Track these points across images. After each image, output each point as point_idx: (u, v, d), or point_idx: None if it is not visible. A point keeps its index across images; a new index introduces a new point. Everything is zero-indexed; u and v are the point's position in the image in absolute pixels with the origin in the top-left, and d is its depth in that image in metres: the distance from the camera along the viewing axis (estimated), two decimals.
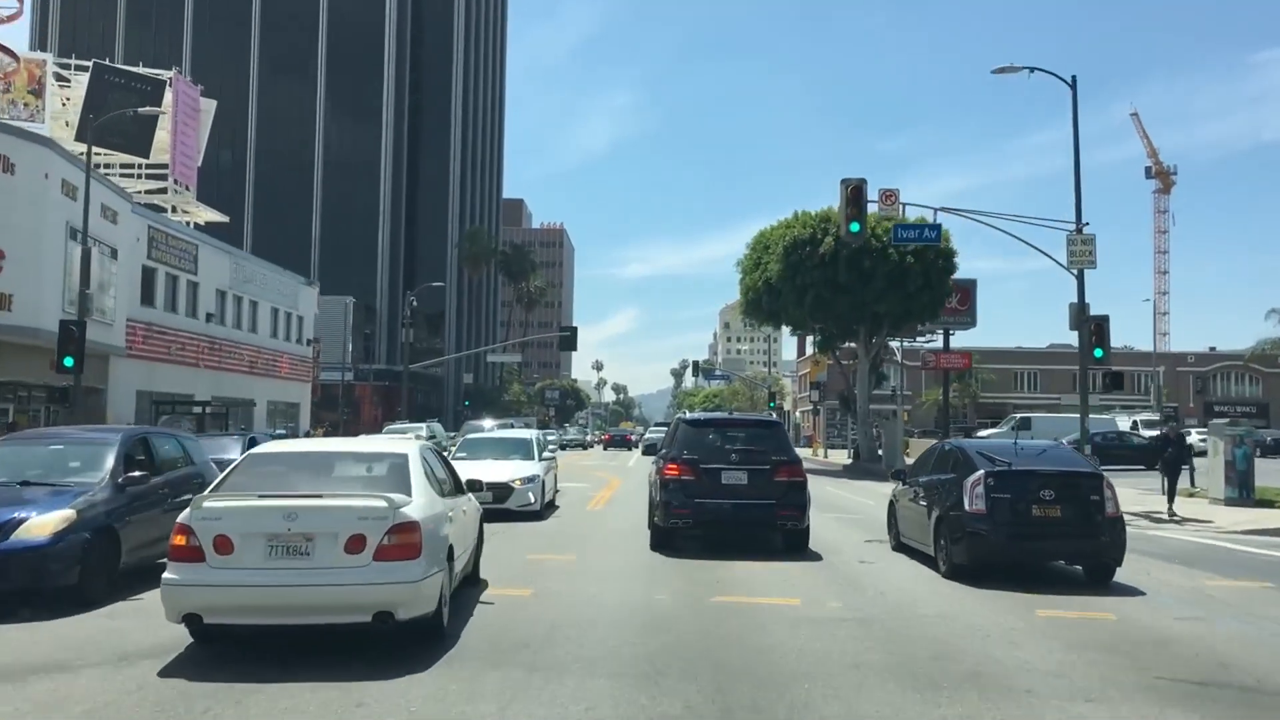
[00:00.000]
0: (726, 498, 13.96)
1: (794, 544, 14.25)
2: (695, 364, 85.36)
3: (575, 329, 62.66)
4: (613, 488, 29.46)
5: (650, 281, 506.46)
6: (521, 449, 22.15)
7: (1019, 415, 49.42)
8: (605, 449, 69.32)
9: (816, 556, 13.84)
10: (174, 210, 48.66)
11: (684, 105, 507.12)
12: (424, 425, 35.48)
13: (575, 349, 62.06)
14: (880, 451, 45.37)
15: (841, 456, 53.71)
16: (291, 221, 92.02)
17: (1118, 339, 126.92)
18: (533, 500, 19.28)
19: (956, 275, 43.66)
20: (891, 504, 15.58)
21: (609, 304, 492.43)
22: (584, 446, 67.78)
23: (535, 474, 19.84)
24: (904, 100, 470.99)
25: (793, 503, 14.02)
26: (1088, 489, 12.04)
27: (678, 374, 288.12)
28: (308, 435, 47.49)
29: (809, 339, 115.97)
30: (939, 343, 54.13)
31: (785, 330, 74.19)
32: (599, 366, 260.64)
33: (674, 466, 14.24)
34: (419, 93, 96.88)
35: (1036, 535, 11.85)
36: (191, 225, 49.08)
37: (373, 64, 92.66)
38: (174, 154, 46.57)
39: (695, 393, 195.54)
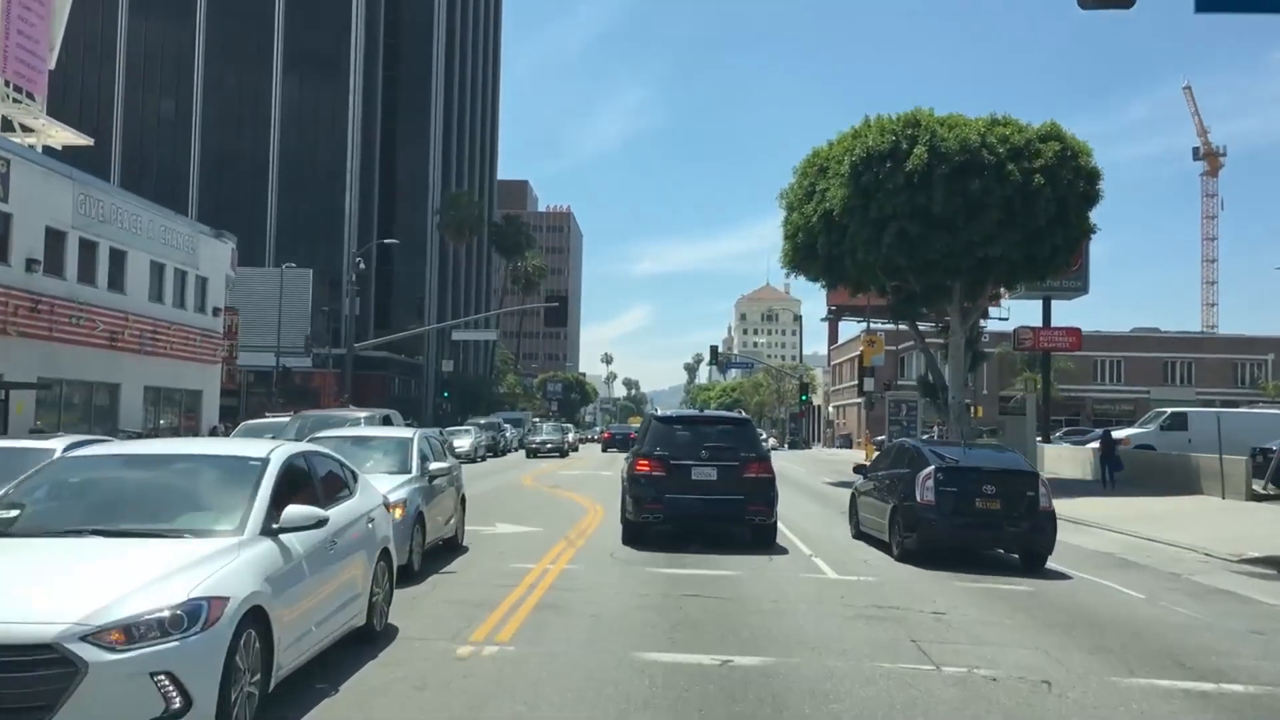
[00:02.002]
0: (697, 493, 14.31)
1: (762, 538, 14.62)
2: (713, 349, 72.37)
3: (565, 298, 50.10)
4: (585, 531, 16.44)
5: (663, 278, 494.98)
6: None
7: (1170, 410, 36.12)
8: (604, 450, 55.55)
9: (783, 550, 14.34)
10: (7, 124, 35.66)
11: (697, 101, 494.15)
12: (291, 419, 21.96)
13: (565, 324, 49.39)
14: None
15: None
16: (244, 182, 79.17)
17: (1166, 323, 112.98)
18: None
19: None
20: (853, 496, 17.09)
21: (621, 301, 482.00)
22: (561, 452, 46.27)
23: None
24: (919, 96, 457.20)
25: (761, 498, 14.42)
26: (1024, 486, 13.83)
27: (691, 368, 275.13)
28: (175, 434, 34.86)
29: (843, 322, 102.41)
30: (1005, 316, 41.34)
31: (815, 296, 61.11)
32: (608, 360, 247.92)
33: (645, 462, 14.50)
34: (395, 36, 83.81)
35: (978, 525, 13.64)
36: (40, 148, 36.22)
37: (339, 3, 79.63)
38: (4, 46, 33.64)
39: (710, 387, 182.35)
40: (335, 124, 79.16)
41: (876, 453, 46.94)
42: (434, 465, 12.07)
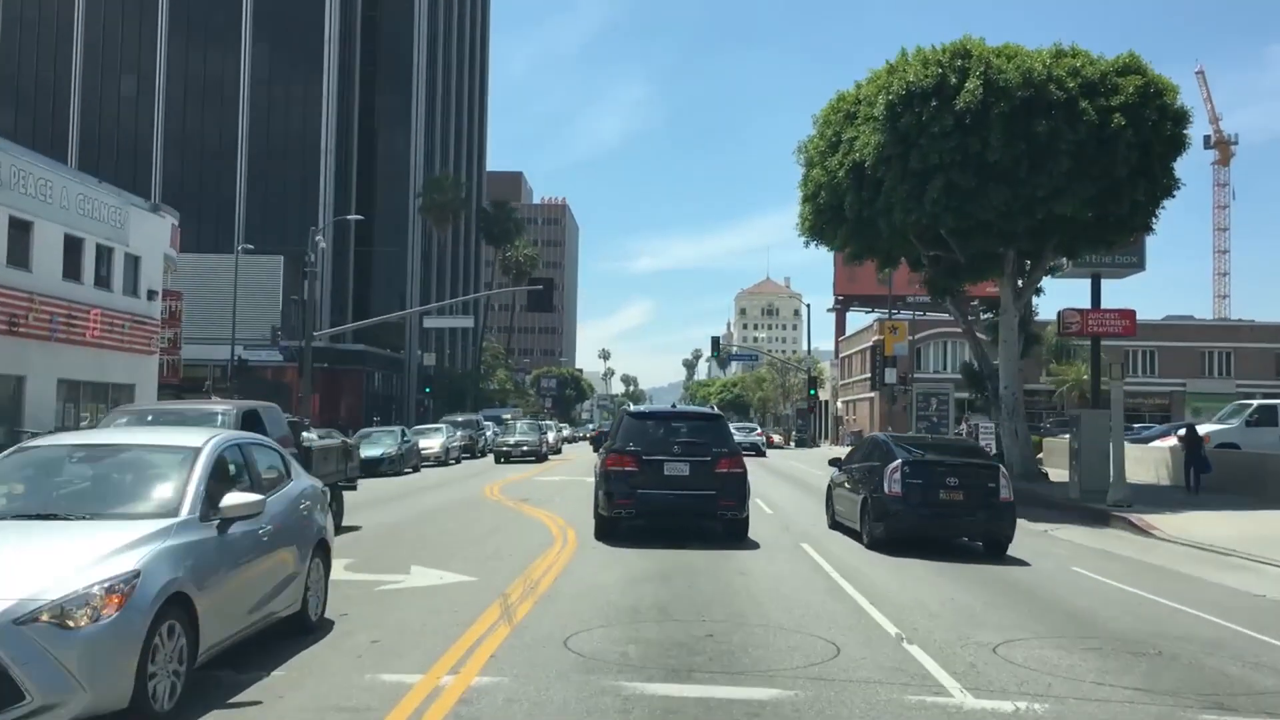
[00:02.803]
0: (668, 488, 14.29)
1: (733, 533, 14.68)
2: (714, 340, 66.97)
3: (550, 280, 44.94)
4: (539, 584, 10.92)
5: (662, 274, 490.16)
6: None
7: (1256, 402, 30.90)
8: (595, 448, 50.32)
9: (754, 545, 14.24)
10: None
11: (696, 97, 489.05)
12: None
13: (550, 308, 43.98)
14: (1042, 467, 27.19)
15: None
16: (211, 164, 73.88)
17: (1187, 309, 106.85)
18: None
19: None
20: (829, 488, 17.95)
21: (620, 297, 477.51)
22: (538, 456, 38.77)
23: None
24: None
25: (732, 493, 14.42)
26: (986, 477, 14.49)
27: (690, 364, 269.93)
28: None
29: (851, 312, 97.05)
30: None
31: (817, 290, 56.70)
32: (606, 355, 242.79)
33: (617, 458, 14.52)
34: (374, 8, 78.39)
35: (943, 515, 14.34)
36: None
37: None
38: None
39: (710, 383, 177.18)
40: (308, 101, 73.81)
41: None
42: (233, 500, 6.72)
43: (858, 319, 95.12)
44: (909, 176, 23.80)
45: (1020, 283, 27.36)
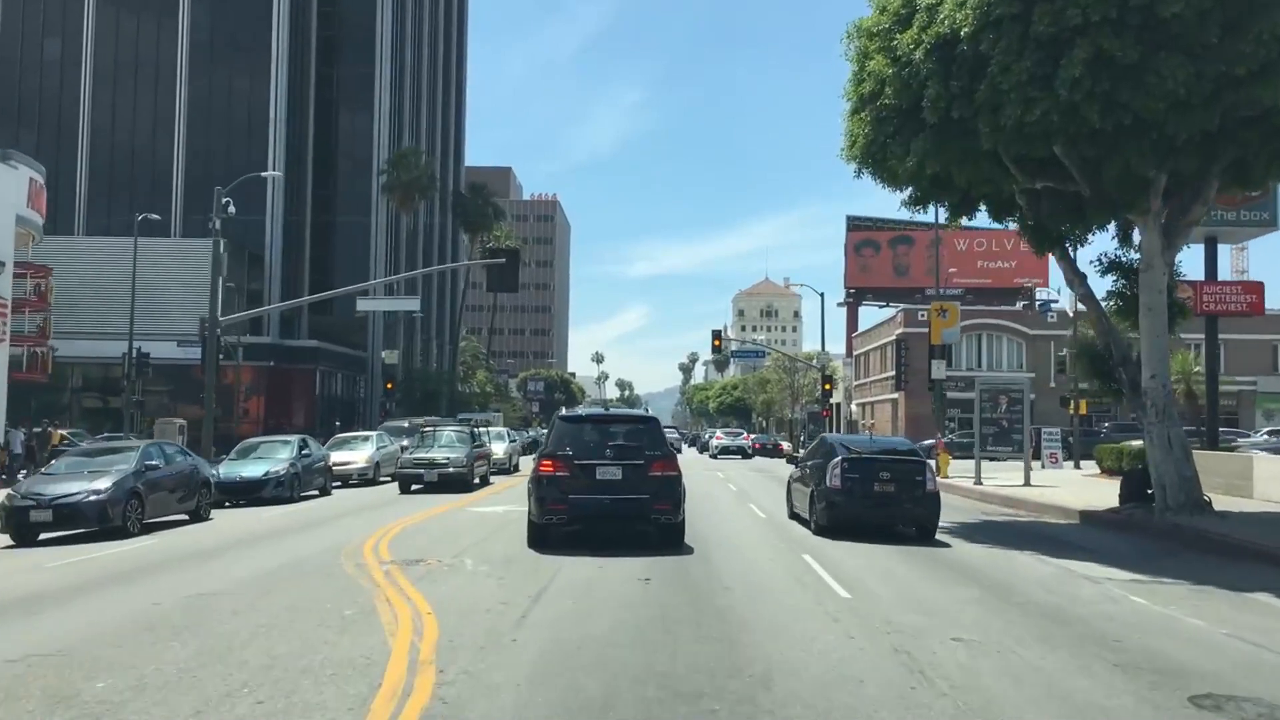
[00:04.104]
0: (601, 493, 14.10)
1: (669, 538, 14.34)
2: (716, 334, 58.42)
3: (516, 252, 36.56)
4: None
5: (659, 280, 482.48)
6: None
7: None
8: None
9: (689, 549, 14.05)
10: None
11: (692, 102, 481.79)
12: None
13: (515, 288, 35.60)
14: (1186, 490, 18.85)
15: (1000, 473, 27.10)
16: (143, 137, 65.33)
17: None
18: None
19: None
20: (788, 483, 20.19)
21: (616, 302, 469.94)
22: (464, 483, 25.92)
23: None
24: None
25: (667, 497, 14.22)
26: (914, 472, 16.44)
27: (686, 368, 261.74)
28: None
29: (864, 306, 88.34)
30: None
31: (820, 283, 49.15)
32: (599, 359, 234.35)
33: (548, 463, 14.29)
34: None
35: (877, 505, 16.21)
36: None
37: None
38: None
39: (708, 386, 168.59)
40: (255, 69, 65.20)
41: (952, 461, 32.95)
42: None
43: (871, 314, 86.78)
44: (1031, 47, 15.39)
45: (1176, 219, 18.81)
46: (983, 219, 24.08)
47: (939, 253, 39.54)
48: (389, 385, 61.37)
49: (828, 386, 58.01)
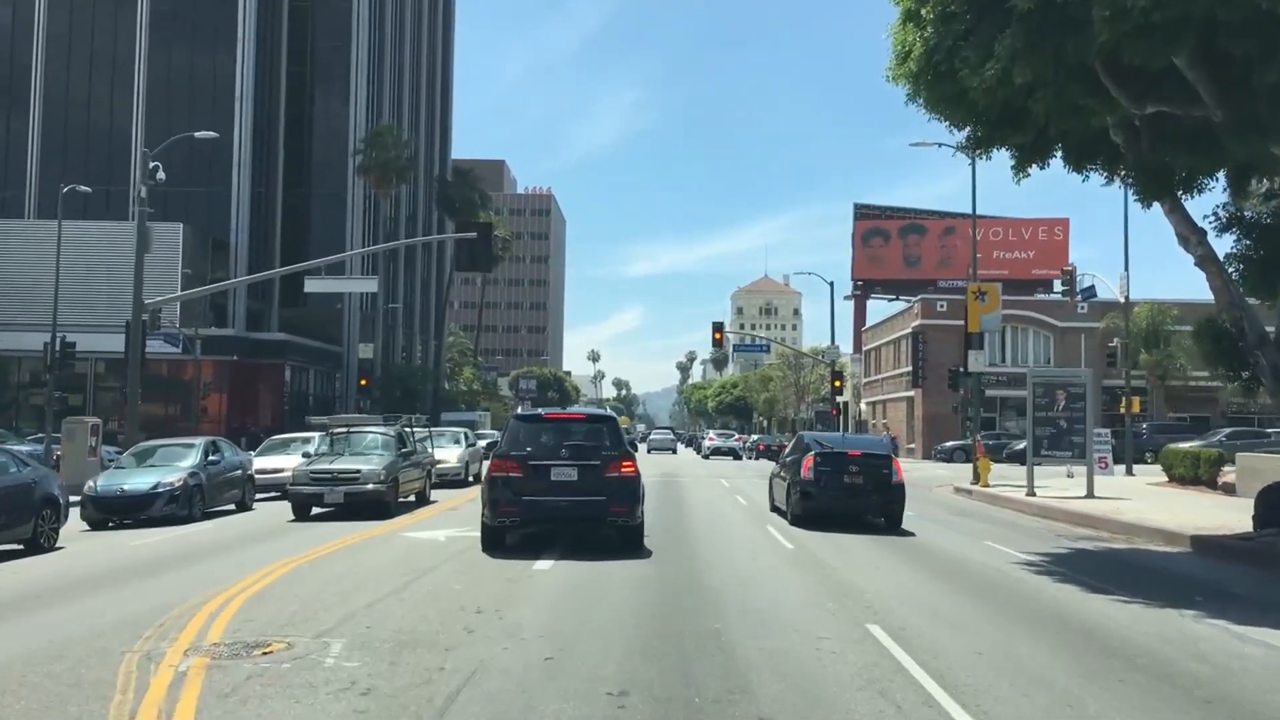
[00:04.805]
0: (556, 494, 13.60)
1: (627, 540, 13.87)
2: (717, 326, 53.95)
3: (490, 226, 31.86)
4: None
5: (657, 280, 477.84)
6: None
7: None
8: None
9: (647, 553, 13.49)
10: None
11: (691, 102, 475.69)
12: None
13: (489, 268, 31.07)
14: None
15: (1061, 482, 22.42)
16: (99, 108, 60.67)
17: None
18: None
19: None
20: (770, 478, 21.73)
21: (614, 302, 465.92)
22: (380, 507, 18.69)
23: None
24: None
25: (625, 499, 13.71)
26: (881, 465, 17.79)
27: (684, 367, 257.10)
28: None
29: (872, 300, 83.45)
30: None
31: (826, 274, 44.69)
32: (595, 357, 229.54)
33: (501, 463, 13.80)
34: None
35: (847, 496, 17.61)
36: None
37: None
38: None
39: (706, 385, 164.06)
40: (220, 40, 60.50)
41: (993, 467, 28.97)
42: None
43: (880, 307, 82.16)
44: None
45: None
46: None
47: (974, 235, 34.66)
48: (364, 381, 56.63)
49: (837, 383, 53.32)
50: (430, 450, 24.82)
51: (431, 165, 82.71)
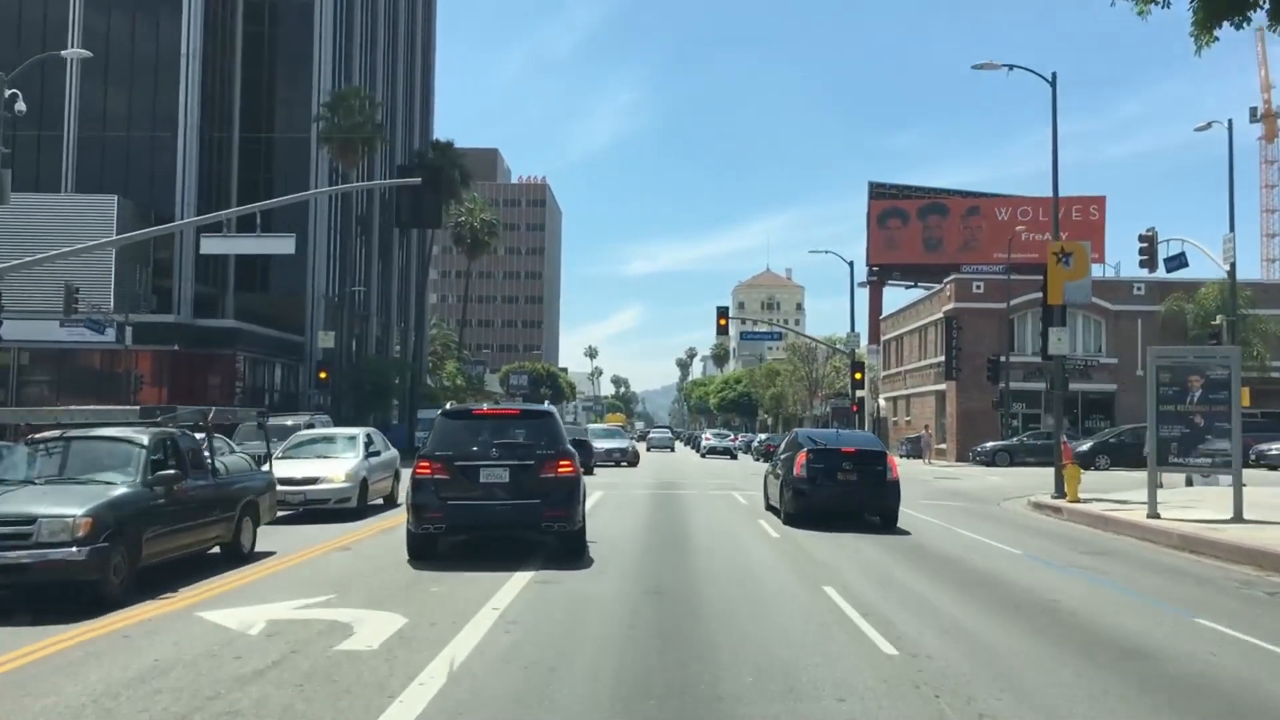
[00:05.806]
0: (484, 498, 12.60)
1: (569, 547, 12.94)
2: (722, 311, 47.53)
3: (439, 170, 25.49)
4: None
5: (656, 278, 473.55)
6: None
7: None
8: None
9: (589, 562, 12.62)
10: None
11: (689, 100, 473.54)
12: None
13: (438, 223, 24.76)
14: None
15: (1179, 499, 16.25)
16: (28, 69, 53.88)
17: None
18: None
19: None
20: (765, 477, 21.53)
21: (613, 301, 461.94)
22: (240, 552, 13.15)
23: None
24: (912, 94, 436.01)
25: (562, 501, 12.63)
26: (875, 462, 17.67)
27: (684, 364, 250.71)
28: None
29: (889, 286, 77.05)
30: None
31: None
32: (593, 353, 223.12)
33: (426, 464, 12.77)
34: None
35: (840, 493, 17.51)
36: None
37: None
38: None
39: (707, 381, 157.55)
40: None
41: (1082, 476, 22.28)
42: None
43: (897, 295, 75.78)
44: None
45: None
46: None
47: (1054, 159, 28.26)
48: (323, 375, 50.07)
49: (859, 375, 46.91)
50: (263, 466, 16.21)
51: (411, 141, 76.21)
